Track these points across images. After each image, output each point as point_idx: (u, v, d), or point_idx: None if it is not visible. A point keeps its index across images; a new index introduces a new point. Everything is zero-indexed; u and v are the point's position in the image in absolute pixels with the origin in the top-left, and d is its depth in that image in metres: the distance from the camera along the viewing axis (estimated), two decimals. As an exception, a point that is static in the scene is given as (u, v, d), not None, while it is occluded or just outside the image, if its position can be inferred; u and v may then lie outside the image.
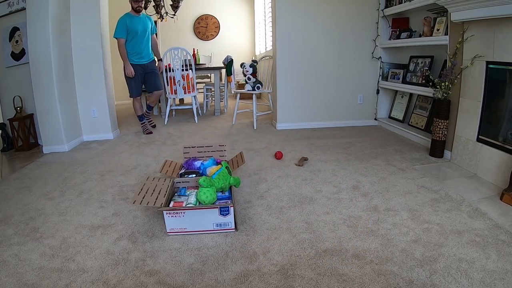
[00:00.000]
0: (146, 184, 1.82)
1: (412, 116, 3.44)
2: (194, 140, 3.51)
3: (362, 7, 3.63)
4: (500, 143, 2.08)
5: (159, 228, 1.68)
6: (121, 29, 3.48)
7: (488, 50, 2.11)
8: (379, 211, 1.79)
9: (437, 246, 1.44)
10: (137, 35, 3.57)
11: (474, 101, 2.27)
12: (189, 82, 4.37)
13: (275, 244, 1.51)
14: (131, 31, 3.53)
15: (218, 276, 1.30)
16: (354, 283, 1.24)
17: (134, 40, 3.58)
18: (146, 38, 3.68)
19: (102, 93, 3.53)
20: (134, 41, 3.58)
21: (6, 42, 3.43)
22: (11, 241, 1.61)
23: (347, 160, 2.64)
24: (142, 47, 3.66)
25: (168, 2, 5.45)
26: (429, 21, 2.91)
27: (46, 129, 3.18)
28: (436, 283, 1.21)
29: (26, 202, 2.07)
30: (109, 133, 3.66)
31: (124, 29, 3.49)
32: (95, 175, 2.52)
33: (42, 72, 3.05)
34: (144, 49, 3.69)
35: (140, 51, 3.65)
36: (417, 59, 3.29)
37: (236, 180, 1.84)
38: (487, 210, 1.74)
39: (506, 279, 1.22)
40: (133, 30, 3.53)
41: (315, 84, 3.80)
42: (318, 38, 3.70)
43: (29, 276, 1.34)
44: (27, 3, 2.96)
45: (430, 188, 2.05)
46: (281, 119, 3.87)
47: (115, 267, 1.38)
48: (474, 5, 2.05)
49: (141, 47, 3.64)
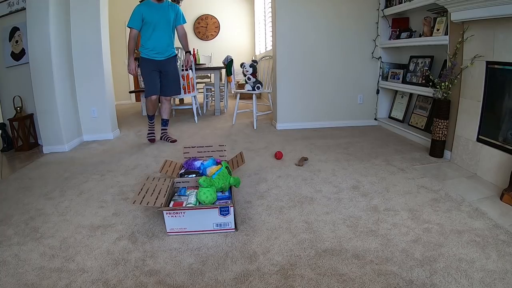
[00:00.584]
0: (146, 184, 1.82)
1: (412, 116, 3.44)
2: (194, 140, 3.51)
3: (362, 7, 3.63)
4: (500, 143, 2.08)
5: (159, 228, 1.68)
6: (134, 18, 3.02)
7: (488, 50, 2.11)
8: (379, 211, 1.79)
9: (437, 246, 1.44)
10: (155, 26, 3.05)
11: (474, 101, 2.27)
12: (189, 82, 4.37)
13: (275, 244, 1.51)
14: (147, 21, 3.02)
15: (218, 276, 1.30)
16: (354, 283, 1.24)
17: (150, 32, 3.06)
18: (166, 30, 3.13)
19: (102, 93, 3.53)
20: (150, 33, 3.07)
21: (6, 42, 3.43)
22: (11, 241, 1.61)
23: (347, 160, 2.64)
24: (160, 41, 3.12)
25: (168, 2, 5.45)
26: (429, 21, 2.91)
27: (46, 129, 3.18)
28: (436, 283, 1.21)
29: (26, 202, 2.07)
30: (109, 133, 3.66)
31: (138, 19, 3.01)
32: (95, 175, 2.52)
33: (42, 72, 3.05)
34: (162, 43, 3.13)
35: (157, 45, 3.11)
36: (417, 59, 3.29)
37: (236, 180, 1.84)
38: (487, 210, 1.74)
39: (506, 279, 1.22)
40: (150, 20, 3.02)
41: (315, 84, 3.81)
42: (318, 38, 3.70)
43: (29, 276, 1.34)
44: (27, 3, 2.96)
45: (430, 188, 2.05)
46: (281, 119, 3.87)
47: (115, 267, 1.38)
48: (474, 5, 2.05)
49: (158, 40, 3.11)
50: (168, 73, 3.25)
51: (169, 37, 3.18)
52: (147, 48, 3.12)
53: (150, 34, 3.06)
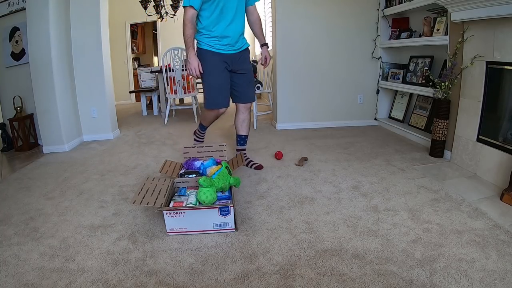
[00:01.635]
0: (146, 184, 1.82)
1: (412, 116, 3.44)
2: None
3: (362, 7, 3.63)
4: (500, 143, 2.08)
5: (159, 228, 1.68)
6: None
7: (488, 50, 2.11)
8: (379, 211, 1.79)
9: (437, 246, 1.44)
10: (223, 6, 2.08)
11: (474, 101, 2.27)
12: (189, 82, 4.38)
13: (275, 244, 1.51)
14: None
15: (218, 276, 1.30)
16: (354, 283, 1.24)
17: (216, 13, 2.09)
18: (239, 12, 2.16)
19: (102, 93, 3.53)
20: (216, 15, 2.09)
21: (6, 42, 3.43)
22: (11, 241, 1.61)
23: (347, 160, 2.64)
24: (230, 26, 2.14)
25: (168, 2, 5.46)
26: (429, 21, 2.91)
27: (46, 129, 3.18)
28: (436, 283, 1.21)
29: (26, 202, 2.07)
30: (109, 133, 3.66)
31: None
32: (95, 175, 2.52)
33: (42, 72, 3.05)
34: (234, 29, 2.15)
35: (227, 32, 2.13)
36: (417, 59, 3.29)
37: (236, 180, 1.84)
38: (487, 210, 1.74)
39: (506, 279, 1.22)
40: None
41: (315, 84, 3.80)
42: (318, 38, 3.70)
43: (29, 276, 1.34)
44: (27, 3, 2.97)
45: (430, 188, 2.05)
46: (281, 119, 3.87)
47: (115, 267, 1.38)
48: (474, 5, 2.05)
49: (228, 25, 2.13)
50: (244, 74, 2.30)
51: (241, 20, 2.21)
52: (211, 37, 2.14)
53: (216, 16, 2.09)
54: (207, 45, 2.15)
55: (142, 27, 8.15)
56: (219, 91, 2.23)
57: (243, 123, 2.47)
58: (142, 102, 5.46)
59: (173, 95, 4.34)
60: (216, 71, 2.19)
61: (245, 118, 2.46)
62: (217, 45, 2.15)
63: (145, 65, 7.87)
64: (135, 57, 7.79)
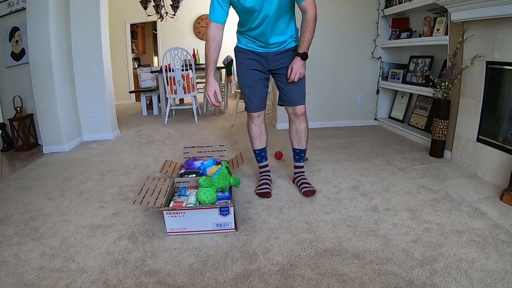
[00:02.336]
0: (146, 184, 1.82)
1: (412, 116, 3.44)
2: (194, 140, 3.51)
3: (362, 7, 3.63)
4: (500, 143, 2.08)
5: (159, 228, 1.68)
6: (213, 4, 1.84)
7: (488, 50, 2.11)
8: (379, 211, 1.79)
9: (437, 246, 1.44)
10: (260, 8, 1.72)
11: (474, 101, 2.27)
12: (189, 82, 4.37)
13: (275, 244, 1.51)
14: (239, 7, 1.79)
15: (218, 276, 1.30)
16: (354, 283, 1.24)
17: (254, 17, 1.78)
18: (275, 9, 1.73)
19: (102, 93, 3.53)
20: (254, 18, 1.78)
21: (6, 42, 3.43)
22: (11, 241, 1.61)
23: (347, 160, 2.64)
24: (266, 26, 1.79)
25: (168, 2, 5.45)
26: (429, 21, 2.91)
27: (46, 129, 3.18)
28: (436, 283, 1.21)
29: (26, 202, 2.07)
30: (109, 133, 3.66)
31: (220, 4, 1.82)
32: (95, 175, 2.52)
33: (42, 72, 3.05)
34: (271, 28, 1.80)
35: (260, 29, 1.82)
36: (417, 59, 3.29)
37: (236, 180, 1.84)
38: (487, 210, 1.74)
39: (506, 279, 1.22)
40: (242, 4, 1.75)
41: (314, 84, 3.80)
42: (318, 38, 3.68)
43: (29, 276, 1.34)
44: (27, 3, 2.97)
45: (430, 188, 2.05)
46: (281, 119, 3.86)
47: (115, 267, 1.38)
48: (474, 5, 2.05)
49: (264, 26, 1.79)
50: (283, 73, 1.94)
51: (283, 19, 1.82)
52: (245, 33, 1.92)
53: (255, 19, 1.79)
54: (244, 43, 1.95)
55: (142, 27, 8.15)
56: (248, 92, 2.00)
57: (296, 134, 2.08)
58: (142, 102, 5.46)
59: (173, 95, 4.34)
60: (246, 71, 1.97)
61: (298, 128, 2.06)
62: (248, 43, 1.93)
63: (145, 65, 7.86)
64: (135, 57, 7.79)
